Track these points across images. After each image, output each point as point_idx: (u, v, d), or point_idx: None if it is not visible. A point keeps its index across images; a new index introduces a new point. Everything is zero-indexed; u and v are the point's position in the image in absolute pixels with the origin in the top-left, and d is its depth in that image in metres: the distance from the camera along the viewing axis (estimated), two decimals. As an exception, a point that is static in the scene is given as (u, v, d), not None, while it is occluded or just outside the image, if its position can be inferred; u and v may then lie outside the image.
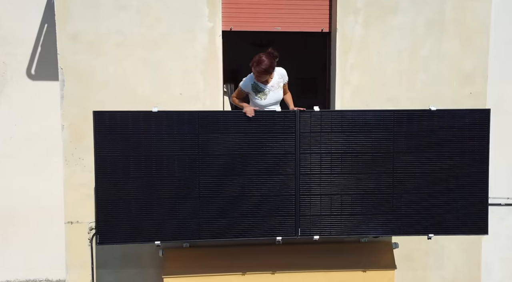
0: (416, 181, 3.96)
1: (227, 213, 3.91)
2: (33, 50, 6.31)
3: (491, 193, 6.18)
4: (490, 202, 6.11)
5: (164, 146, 3.81)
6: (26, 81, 6.34)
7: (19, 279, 6.54)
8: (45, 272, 6.59)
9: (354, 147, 3.93)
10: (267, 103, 4.14)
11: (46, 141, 6.24)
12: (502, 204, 6.12)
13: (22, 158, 6.33)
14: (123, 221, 3.81)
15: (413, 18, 5.04)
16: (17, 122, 6.35)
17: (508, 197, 6.13)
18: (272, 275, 4.86)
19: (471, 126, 3.98)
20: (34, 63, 6.34)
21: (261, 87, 4.11)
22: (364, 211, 4.00)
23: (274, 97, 4.17)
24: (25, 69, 6.34)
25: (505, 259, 6.17)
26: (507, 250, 6.17)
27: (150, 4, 4.78)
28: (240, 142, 3.87)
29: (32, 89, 6.32)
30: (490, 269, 6.22)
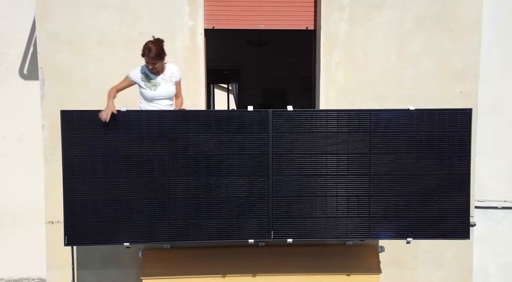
0: (394, 183, 3.81)
1: (198, 215, 3.82)
2: (25, 50, 6.32)
3: (487, 196, 6.05)
4: (486, 205, 6.05)
5: (133, 146, 3.74)
6: (19, 81, 6.36)
7: (13, 277, 6.57)
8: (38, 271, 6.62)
9: (330, 147, 3.80)
10: (157, 95, 3.97)
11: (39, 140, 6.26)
12: (498, 207, 5.93)
13: (15, 157, 6.36)
14: (92, 222, 3.75)
15: (401, 14, 4.89)
16: (10, 121, 6.38)
17: (505, 200, 5.93)
18: (253, 277, 4.77)
19: (452, 127, 3.81)
20: (27, 62, 6.36)
21: (152, 77, 3.96)
22: (340, 214, 3.87)
23: (165, 91, 4.01)
24: (18, 69, 6.36)
25: (502, 264, 5.97)
26: (504, 254, 5.97)
27: (130, 3, 4.73)
28: (211, 141, 3.78)
29: (25, 89, 6.34)
30: (486, 274, 6.03)
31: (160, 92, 3.99)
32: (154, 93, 3.97)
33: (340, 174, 3.82)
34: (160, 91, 3.99)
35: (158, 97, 3.99)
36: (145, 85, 3.99)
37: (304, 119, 3.75)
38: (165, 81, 4.02)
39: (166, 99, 4.05)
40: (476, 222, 5.88)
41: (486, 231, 5.95)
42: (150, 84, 3.97)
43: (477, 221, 5.89)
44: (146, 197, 3.77)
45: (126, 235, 3.79)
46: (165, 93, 4.03)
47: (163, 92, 4.01)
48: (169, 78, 4.04)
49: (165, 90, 4.02)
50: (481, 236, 5.95)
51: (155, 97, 3.98)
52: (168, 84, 4.03)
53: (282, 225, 3.86)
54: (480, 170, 5.81)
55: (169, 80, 4.04)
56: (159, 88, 3.98)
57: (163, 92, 4.01)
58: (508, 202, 5.91)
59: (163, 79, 4.02)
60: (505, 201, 5.91)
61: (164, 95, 4.03)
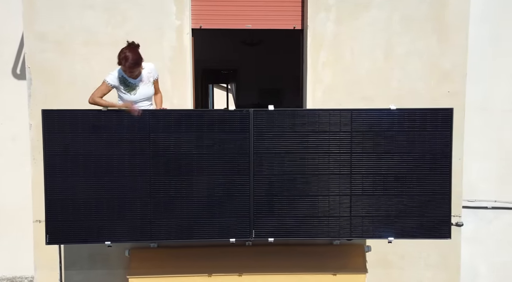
0: (375, 183, 3.81)
1: (179, 214, 3.83)
2: (18, 50, 6.35)
3: (478, 196, 6.03)
4: (476, 205, 6.03)
5: (114, 145, 3.75)
6: (12, 81, 6.39)
7: (6, 276, 6.61)
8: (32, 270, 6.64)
9: (311, 147, 3.81)
10: (137, 98, 3.93)
11: (31, 140, 6.29)
12: (489, 207, 5.91)
13: (8, 156, 6.39)
14: (74, 221, 3.77)
15: (388, 14, 4.88)
16: (3, 121, 6.41)
17: (496, 200, 5.91)
18: (239, 277, 4.78)
19: (433, 126, 3.80)
20: (19, 62, 6.39)
21: (130, 81, 3.89)
22: (321, 213, 3.87)
23: (144, 93, 3.96)
24: (11, 69, 6.39)
25: (493, 264, 5.95)
26: (495, 254, 5.95)
27: (117, 3, 4.74)
28: (192, 141, 3.78)
29: (18, 89, 6.37)
30: (477, 274, 6.01)
31: (139, 95, 3.96)
32: (133, 97, 3.94)
33: (322, 174, 3.82)
34: (139, 95, 3.96)
35: (138, 100, 3.96)
36: (124, 90, 3.94)
37: (285, 119, 3.76)
38: (144, 83, 3.98)
39: (145, 100, 4.03)
40: (467, 222, 5.86)
41: (476, 231, 5.93)
42: (129, 89, 3.93)
43: (467, 221, 5.88)
44: (127, 196, 3.78)
45: (108, 234, 3.80)
46: (144, 95, 4.00)
47: (142, 95, 3.98)
48: (147, 79, 4.00)
49: (144, 93, 3.98)
50: (472, 236, 5.93)
51: (135, 101, 3.95)
52: (146, 86, 3.99)
53: (264, 224, 3.86)
54: (471, 169, 5.80)
55: (148, 81, 4.00)
56: (138, 91, 3.94)
57: (142, 95, 3.98)
58: (499, 202, 5.89)
59: (141, 81, 3.97)
60: (496, 201, 5.89)
61: (144, 98, 4.00)
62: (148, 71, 4.01)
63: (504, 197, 5.88)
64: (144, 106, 4.01)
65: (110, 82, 3.92)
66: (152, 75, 4.04)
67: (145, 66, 4.01)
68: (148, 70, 4.01)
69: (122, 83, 3.92)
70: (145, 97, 4.01)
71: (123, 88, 3.93)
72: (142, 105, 4.00)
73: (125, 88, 3.92)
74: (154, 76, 4.06)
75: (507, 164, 5.81)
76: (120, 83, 3.92)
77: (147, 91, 4.00)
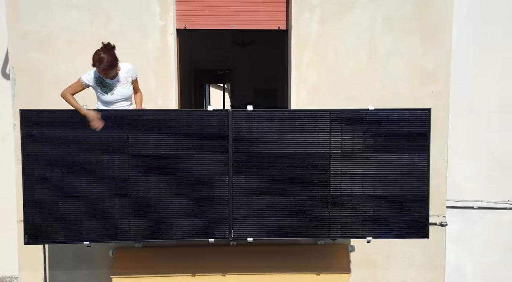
0: (354, 183, 3.82)
1: (158, 214, 3.83)
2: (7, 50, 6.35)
3: (464, 196, 6.05)
4: (462, 205, 6.04)
5: (93, 145, 3.75)
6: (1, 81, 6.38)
7: (-4, 276, 6.60)
8: (18, 270, 6.63)
9: (290, 147, 3.81)
10: (115, 99, 3.90)
11: (20, 140, 6.27)
12: (475, 207, 5.93)
13: (-2, 156, 6.38)
14: (52, 221, 3.77)
15: (371, 15, 4.89)
16: (-8, 121, 6.39)
17: (482, 200, 5.92)
18: (223, 276, 4.78)
19: (411, 127, 3.82)
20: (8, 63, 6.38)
21: (107, 82, 3.85)
22: (300, 213, 3.88)
23: (122, 93, 3.93)
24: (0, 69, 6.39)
25: (479, 264, 5.97)
26: (481, 254, 5.97)
27: (101, 3, 4.75)
28: (171, 141, 3.79)
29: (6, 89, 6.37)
30: (463, 274, 6.02)
31: (117, 96, 3.94)
32: (111, 97, 3.92)
33: (300, 173, 3.83)
34: (117, 95, 3.93)
35: (116, 100, 3.94)
36: (101, 90, 3.92)
37: (264, 119, 3.76)
38: (121, 83, 3.95)
39: (124, 100, 4.01)
40: (453, 222, 5.88)
41: (462, 231, 5.94)
42: (106, 89, 3.91)
43: (454, 221, 5.90)
44: (106, 196, 3.78)
45: (87, 234, 3.80)
46: (122, 96, 3.97)
47: (120, 95, 3.96)
48: (125, 79, 3.97)
49: (122, 93, 3.96)
50: (458, 236, 5.95)
51: (113, 101, 3.93)
52: (124, 86, 3.97)
53: (243, 224, 3.87)
54: (457, 170, 5.81)
55: (125, 82, 3.98)
56: (115, 91, 3.92)
57: (120, 95, 3.96)
58: (485, 202, 5.91)
59: (119, 82, 3.95)
60: (482, 201, 5.91)
61: (122, 98, 3.98)
62: (125, 72, 3.98)
63: (490, 197, 5.90)
64: (124, 106, 4.00)
65: (85, 81, 3.90)
66: (130, 75, 4.01)
67: (122, 67, 3.99)
68: (125, 71, 3.99)
69: (99, 84, 3.90)
70: (123, 98, 3.99)
71: (100, 89, 3.91)
72: (121, 105, 3.99)
73: (102, 89, 3.91)
74: (132, 76, 4.03)
75: (493, 165, 5.83)
76: (97, 83, 3.91)
77: (125, 92, 3.99)
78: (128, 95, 4.03)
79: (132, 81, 4.04)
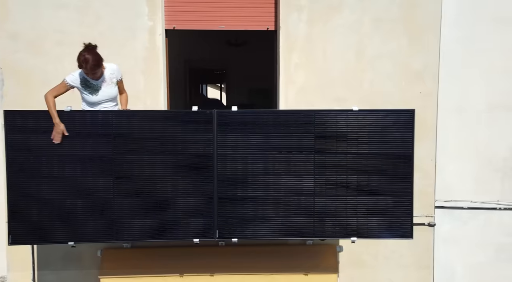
0: (338, 183, 3.84)
1: (143, 214, 3.84)
2: None
3: (454, 197, 6.06)
4: (452, 205, 6.05)
5: (78, 146, 3.76)
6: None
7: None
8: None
9: (274, 147, 3.82)
10: (100, 100, 3.91)
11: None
12: (465, 207, 5.94)
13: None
14: (37, 222, 3.78)
15: (359, 16, 4.91)
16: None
17: (472, 201, 5.93)
18: (211, 276, 4.79)
19: (395, 127, 3.83)
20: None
21: (92, 83, 3.86)
22: (285, 213, 3.89)
23: (107, 94, 3.94)
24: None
25: (469, 264, 5.97)
26: (471, 255, 5.97)
27: (90, 3, 4.76)
28: (156, 141, 3.80)
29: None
30: (453, 274, 6.03)
31: (102, 96, 3.94)
32: (96, 98, 3.92)
33: (285, 174, 3.84)
34: (102, 96, 3.94)
35: (101, 101, 3.95)
36: (85, 91, 3.92)
37: (249, 120, 3.78)
38: (106, 84, 3.96)
39: (109, 101, 4.02)
40: (443, 222, 5.89)
41: (452, 231, 5.94)
42: (91, 90, 3.91)
43: (443, 221, 5.90)
44: (91, 197, 3.79)
45: (71, 235, 3.81)
46: (107, 96, 3.98)
47: (105, 96, 3.96)
48: (110, 80, 3.98)
49: (107, 94, 3.97)
50: (448, 236, 5.95)
51: (98, 102, 3.94)
52: (109, 87, 3.97)
53: (228, 224, 3.88)
54: (447, 170, 5.82)
55: (110, 82, 3.98)
56: (100, 92, 3.92)
57: (105, 96, 3.96)
58: (475, 202, 5.92)
59: (104, 82, 3.95)
60: (472, 201, 5.91)
61: (107, 99, 3.99)
62: (110, 72, 3.99)
63: (480, 197, 5.91)
64: (109, 107, 4.00)
65: (70, 83, 3.90)
66: (115, 76, 4.02)
67: (107, 67, 3.99)
68: (110, 71, 3.99)
69: (84, 85, 3.91)
70: (108, 98, 3.99)
71: (85, 90, 3.92)
72: (106, 106, 3.99)
73: (87, 90, 3.91)
74: (117, 76, 4.04)
75: (483, 165, 5.83)
76: (82, 84, 3.91)
77: (110, 92, 3.99)
78: (113, 96, 4.04)
79: (117, 82, 4.04)
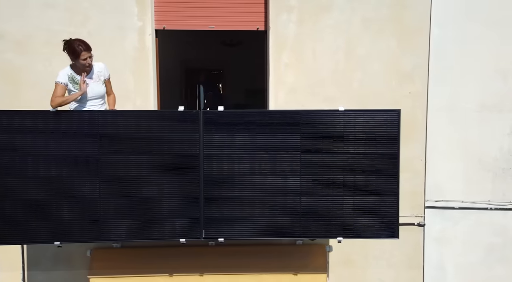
0: (324, 183, 3.84)
1: (128, 214, 3.84)
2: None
3: (445, 197, 6.06)
4: (443, 205, 6.05)
5: (63, 146, 3.76)
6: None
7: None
8: None
9: (261, 147, 3.82)
10: (88, 96, 3.98)
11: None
12: (456, 207, 5.94)
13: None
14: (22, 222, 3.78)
15: (348, 16, 4.91)
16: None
17: (463, 201, 5.93)
18: (200, 276, 4.80)
19: (381, 128, 3.83)
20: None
21: (79, 79, 3.95)
22: (271, 213, 3.89)
23: (95, 91, 3.99)
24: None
25: (460, 264, 5.97)
26: (462, 255, 5.97)
27: (79, 2, 4.76)
28: (142, 141, 3.80)
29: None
30: (445, 275, 6.03)
31: (90, 93, 3.96)
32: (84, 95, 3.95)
33: (271, 174, 3.84)
34: (90, 92, 3.96)
35: (88, 98, 3.97)
36: (73, 87, 3.96)
37: (234, 119, 3.78)
38: (94, 81, 4.00)
39: (97, 99, 4.04)
40: (434, 222, 5.88)
41: (443, 231, 5.94)
42: (79, 86, 3.94)
43: (435, 221, 5.90)
44: (76, 197, 3.79)
45: (57, 234, 3.81)
46: (95, 93, 4.00)
47: (92, 93, 3.99)
48: (97, 77, 4.02)
49: (94, 91, 3.99)
50: (439, 236, 5.94)
51: (86, 99, 3.96)
52: (96, 84, 4.01)
53: (214, 224, 3.88)
54: (438, 170, 5.82)
55: (98, 80, 4.02)
56: (88, 89, 3.95)
57: (92, 93, 3.99)
58: (466, 203, 5.92)
59: (91, 79, 3.99)
60: (463, 201, 5.92)
61: (94, 96, 4.01)
62: (98, 70, 4.04)
63: (471, 197, 5.91)
64: (96, 105, 4.04)
65: (61, 81, 3.95)
66: (103, 74, 4.06)
67: (95, 64, 4.04)
68: (98, 69, 4.05)
69: (71, 81, 3.96)
70: (96, 95, 4.03)
71: (73, 86, 3.97)
72: (94, 103, 4.03)
73: (74, 86, 3.96)
74: (104, 75, 4.08)
75: (474, 165, 5.83)
76: (70, 81, 3.96)
77: (98, 90, 4.03)
78: (101, 94, 4.07)
79: (104, 81, 4.08)
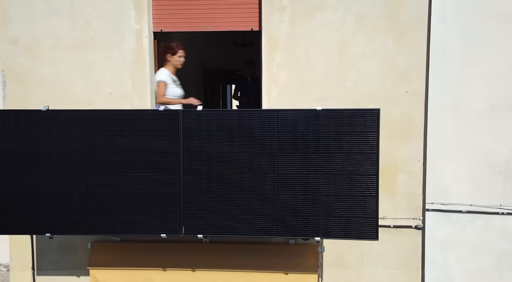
0: (303, 182, 3.84)
1: (114, 209, 4.04)
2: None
3: (452, 200, 5.82)
4: (450, 209, 5.82)
5: (54, 144, 4.02)
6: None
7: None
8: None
9: (239, 146, 3.89)
10: (182, 92, 4.81)
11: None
12: (463, 211, 5.70)
13: None
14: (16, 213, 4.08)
15: (342, 15, 4.85)
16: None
17: (471, 204, 5.69)
18: (192, 272, 4.94)
19: (361, 127, 3.78)
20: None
21: (174, 78, 4.73)
22: (250, 211, 3.95)
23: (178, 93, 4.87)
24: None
25: (468, 270, 5.73)
26: (470, 260, 5.73)
27: (81, 8, 5.02)
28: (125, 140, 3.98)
29: None
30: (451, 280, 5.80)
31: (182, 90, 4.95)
32: (181, 91, 4.81)
33: (249, 172, 3.90)
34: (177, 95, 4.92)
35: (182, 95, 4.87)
36: (174, 84, 4.74)
37: (213, 119, 3.87)
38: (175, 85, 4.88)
39: None
40: (439, 226, 5.69)
41: (450, 235, 5.73)
42: (177, 83, 4.76)
43: (440, 225, 5.69)
44: (66, 191, 4.05)
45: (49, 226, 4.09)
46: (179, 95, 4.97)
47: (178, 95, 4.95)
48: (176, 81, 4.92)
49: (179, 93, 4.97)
50: (445, 240, 5.73)
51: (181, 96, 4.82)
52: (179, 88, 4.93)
53: (194, 221, 4.00)
54: (444, 172, 5.61)
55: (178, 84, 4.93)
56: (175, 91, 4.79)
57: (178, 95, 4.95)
58: (474, 206, 5.67)
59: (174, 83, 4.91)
60: (471, 205, 5.67)
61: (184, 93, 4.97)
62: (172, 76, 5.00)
63: (480, 201, 5.65)
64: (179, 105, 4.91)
65: (163, 80, 4.71)
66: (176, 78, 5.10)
67: None
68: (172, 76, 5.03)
69: (170, 79, 4.72)
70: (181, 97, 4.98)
71: (172, 83, 4.74)
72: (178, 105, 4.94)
73: (175, 82, 4.76)
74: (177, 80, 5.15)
75: (484, 167, 5.57)
76: (170, 78, 4.72)
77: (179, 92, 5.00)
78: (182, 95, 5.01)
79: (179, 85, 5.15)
